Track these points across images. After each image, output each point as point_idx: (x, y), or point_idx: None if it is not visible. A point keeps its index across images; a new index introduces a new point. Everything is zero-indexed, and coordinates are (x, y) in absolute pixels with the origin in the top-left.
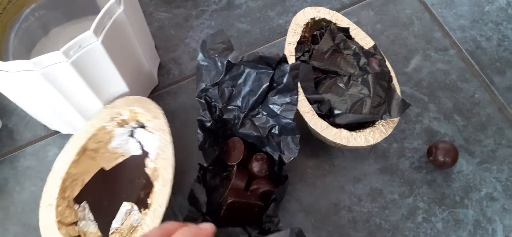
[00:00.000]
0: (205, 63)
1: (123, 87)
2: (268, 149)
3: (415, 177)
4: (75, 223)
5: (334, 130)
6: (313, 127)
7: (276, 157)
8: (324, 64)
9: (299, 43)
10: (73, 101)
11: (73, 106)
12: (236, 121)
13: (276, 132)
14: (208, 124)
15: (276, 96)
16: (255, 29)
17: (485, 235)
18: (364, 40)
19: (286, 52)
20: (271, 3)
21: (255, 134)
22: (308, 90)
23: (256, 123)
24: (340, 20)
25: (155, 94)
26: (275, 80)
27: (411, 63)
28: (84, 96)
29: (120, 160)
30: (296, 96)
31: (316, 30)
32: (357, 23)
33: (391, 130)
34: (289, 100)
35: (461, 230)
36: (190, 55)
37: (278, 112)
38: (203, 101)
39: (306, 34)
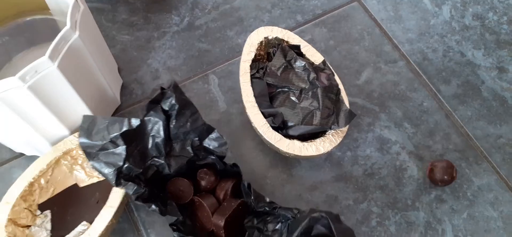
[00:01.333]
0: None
1: (84, 110)
2: (206, 161)
3: (368, 183)
4: (28, 227)
5: (287, 141)
6: (267, 139)
7: (212, 160)
8: (277, 80)
9: (255, 60)
10: (36, 126)
11: (36, 130)
12: (161, 169)
13: (198, 143)
14: (143, 191)
15: (177, 122)
16: (215, 49)
17: (435, 235)
18: (315, 56)
19: (242, 70)
20: (230, 24)
21: (185, 161)
22: (263, 104)
23: (178, 154)
24: (292, 38)
25: (118, 114)
26: (168, 111)
27: (362, 75)
28: (47, 121)
29: (95, 180)
30: (195, 111)
31: (270, 48)
32: (311, 40)
33: (340, 139)
34: (190, 113)
35: (413, 231)
36: (152, 75)
37: (187, 129)
38: (126, 182)
39: (261, 52)
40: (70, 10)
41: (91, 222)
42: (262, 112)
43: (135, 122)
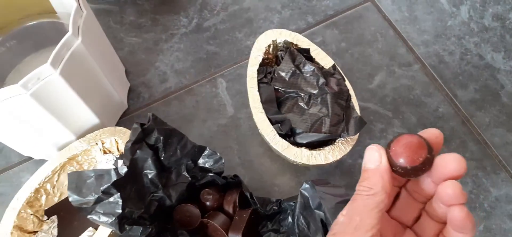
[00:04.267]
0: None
1: (90, 115)
2: (206, 180)
3: None
4: (34, 233)
5: (295, 149)
6: (274, 147)
7: (211, 177)
8: (285, 85)
9: (264, 64)
10: (41, 132)
11: (42, 136)
12: (163, 202)
13: (193, 165)
14: (151, 229)
15: (166, 153)
16: (224, 51)
17: None
18: (325, 60)
19: (249, 74)
20: (239, 25)
21: (185, 187)
22: (270, 110)
23: (176, 182)
24: (301, 41)
25: (125, 118)
26: (154, 145)
27: (375, 79)
28: (51, 127)
29: None
30: (182, 137)
31: (279, 52)
32: (322, 42)
33: (350, 147)
34: (177, 141)
35: None
36: (160, 78)
37: (178, 156)
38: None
39: (270, 56)
40: (72, 16)
41: (96, 228)
42: (269, 119)
43: (122, 169)
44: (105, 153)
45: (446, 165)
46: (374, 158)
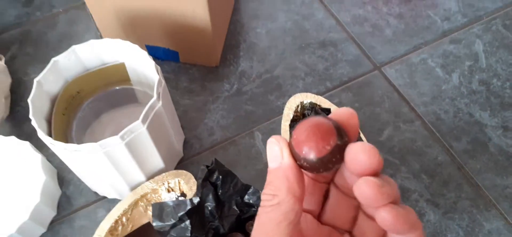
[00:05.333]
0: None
1: (159, 161)
2: (250, 213)
3: None
4: None
5: None
6: None
7: (254, 211)
8: None
9: (293, 120)
10: (123, 173)
11: (122, 176)
12: (217, 230)
13: (240, 201)
14: None
15: (222, 189)
16: (259, 110)
17: None
18: None
19: (283, 129)
20: (271, 89)
21: (234, 219)
22: None
23: (227, 214)
24: (323, 102)
25: (181, 164)
26: (215, 182)
27: (384, 133)
28: (132, 169)
29: None
30: (234, 177)
31: (306, 110)
32: (339, 103)
33: None
34: (231, 180)
35: None
36: (208, 131)
37: (231, 192)
38: None
39: (298, 114)
40: (156, 85)
41: None
42: None
43: (195, 200)
44: (168, 191)
45: (355, 157)
46: (274, 153)
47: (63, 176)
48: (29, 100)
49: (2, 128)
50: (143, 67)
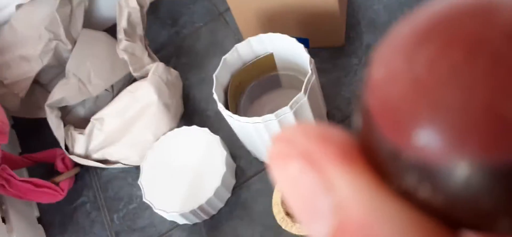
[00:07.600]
0: None
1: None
2: None
3: None
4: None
5: None
6: None
7: None
8: None
9: None
10: None
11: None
12: None
13: None
14: None
15: None
16: None
17: None
18: None
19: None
20: None
21: None
22: None
23: None
24: None
25: None
26: None
27: None
28: None
29: None
30: None
31: None
32: None
33: None
34: None
35: None
36: (346, 102)
37: None
38: None
39: None
40: (309, 62)
41: None
42: None
43: None
44: None
45: None
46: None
47: (235, 152)
48: (213, 90)
49: (180, 121)
50: (291, 53)
